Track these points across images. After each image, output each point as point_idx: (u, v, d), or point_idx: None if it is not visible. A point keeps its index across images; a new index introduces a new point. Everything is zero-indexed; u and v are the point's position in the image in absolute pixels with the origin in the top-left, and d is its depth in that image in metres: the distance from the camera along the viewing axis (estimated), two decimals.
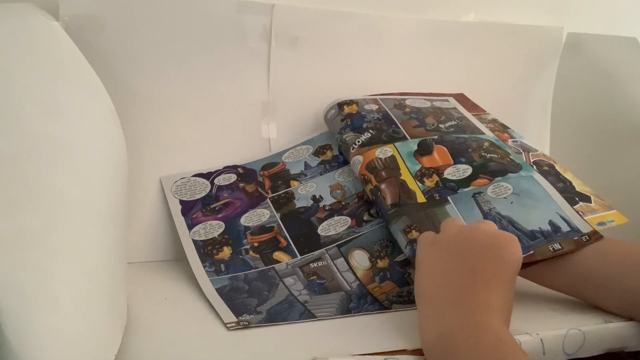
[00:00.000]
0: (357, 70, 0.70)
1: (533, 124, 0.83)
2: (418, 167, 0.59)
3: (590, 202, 0.58)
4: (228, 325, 0.47)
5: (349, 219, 0.60)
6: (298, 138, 0.69)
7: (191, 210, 0.61)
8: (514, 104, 0.82)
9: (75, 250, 0.40)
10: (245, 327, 0.48)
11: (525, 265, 0.50)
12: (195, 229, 0.60)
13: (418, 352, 0.44)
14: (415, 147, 0.61)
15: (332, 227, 0.59)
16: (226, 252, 0.58)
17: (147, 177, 0.63)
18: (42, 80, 0.46)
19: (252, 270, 0.56)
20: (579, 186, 0.59)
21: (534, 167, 0.60)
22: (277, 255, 0.58)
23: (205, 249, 0.58)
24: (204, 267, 0.56)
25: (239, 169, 0.65)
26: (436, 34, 0.74)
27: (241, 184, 0.64)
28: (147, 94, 0.62)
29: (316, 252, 0.57)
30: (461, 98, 0.73)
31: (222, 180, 0.64)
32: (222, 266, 0.56)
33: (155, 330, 0.47)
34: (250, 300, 0.52)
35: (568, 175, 0.61)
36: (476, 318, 0.40)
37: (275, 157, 0.67)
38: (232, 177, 0.64)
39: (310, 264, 0.56)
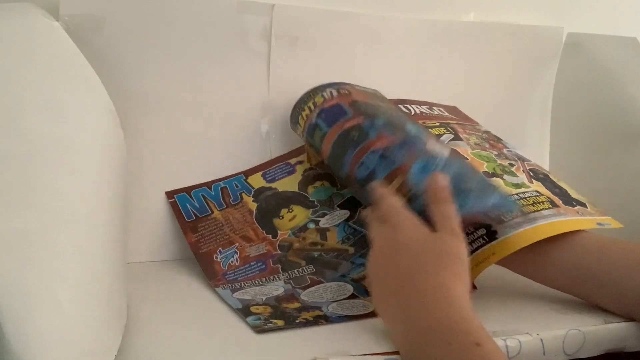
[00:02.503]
0: (357, 70, 0.70)
1: (533, 124, 0.83)
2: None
3: (586, 207, 0.58)
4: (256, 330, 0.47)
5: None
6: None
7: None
8: (514, 103, 0.82)
9: (75, 250, 0.40)
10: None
11: None
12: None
13: None
14: None
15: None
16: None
17: (147, 176, 0.63)
18: (42, 80, 0.46)
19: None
20: (574, 194, 0.60)
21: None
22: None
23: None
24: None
25: None
26: (436, 34, 0.74)
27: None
28: (147, 94, 0.62)
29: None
30: (453, 111, 0.72)
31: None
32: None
33: (155, 330, 0.47)
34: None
35: (562, 184, 0.61)
36: (419, 323, 0.41)
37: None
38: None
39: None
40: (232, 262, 0.59)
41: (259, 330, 0.47)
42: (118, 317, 0.43)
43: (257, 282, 0.57)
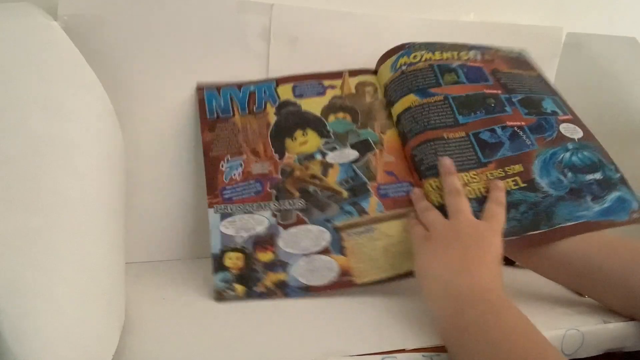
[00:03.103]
0: None
1: None
2: None
3: None
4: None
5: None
6: None
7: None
8: None
9: (75, 250, 0.40)
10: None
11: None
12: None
13: (416, 351, 0.44)
14: None
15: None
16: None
17: (146, 176, 0.63)
18: (40, 80, 0.46)
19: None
20: None
21: None
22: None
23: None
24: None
25: None
26: (436, 34, 0.73)
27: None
28: (146, 94, 0.62)
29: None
30: None
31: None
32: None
33: (153, 330, 0.47)
34: None
35: None
36: (481, 285, 0.47)
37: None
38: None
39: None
40: (234, 175, 0.60)
41: (219, 298, 0.53)
42: (116, 317, 0.43)
43: (247, 208, 0.58)
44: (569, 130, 0.61)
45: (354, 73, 0.68)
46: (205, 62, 0.64)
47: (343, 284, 0.55)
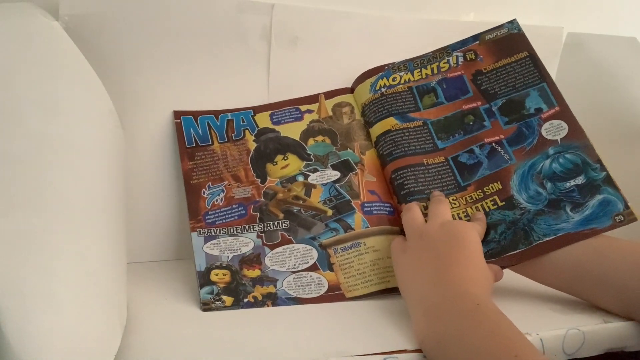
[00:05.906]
0: (357, 70, 0.70)
1: None
2: None
3: None
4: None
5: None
6: None
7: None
8: None
9: (75, 250, 0.40)
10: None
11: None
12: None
13: (418, 351, 0.44)
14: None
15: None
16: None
17: (147, 176, 0.63)
18: (41, 80, 0.46)
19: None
20: None
21: None
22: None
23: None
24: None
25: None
26: (436, 34, 0.74)
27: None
28: (147, 94, 0.62)
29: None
30: None
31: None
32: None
33: (155, 330, 0.47)
34: None
35: None
36: (453, 291, 0.47)
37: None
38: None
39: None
40: (216, 200, 0.60)
41: (206, 308, 0.52)
42: (118, 317, 0.43)
43: (232, 230, 0.58)
44: (552, 130, 0.59)
45: (329, 95, 0.68)
46: (205, 62, 0.64)
47: (333, 298, 0.55)
